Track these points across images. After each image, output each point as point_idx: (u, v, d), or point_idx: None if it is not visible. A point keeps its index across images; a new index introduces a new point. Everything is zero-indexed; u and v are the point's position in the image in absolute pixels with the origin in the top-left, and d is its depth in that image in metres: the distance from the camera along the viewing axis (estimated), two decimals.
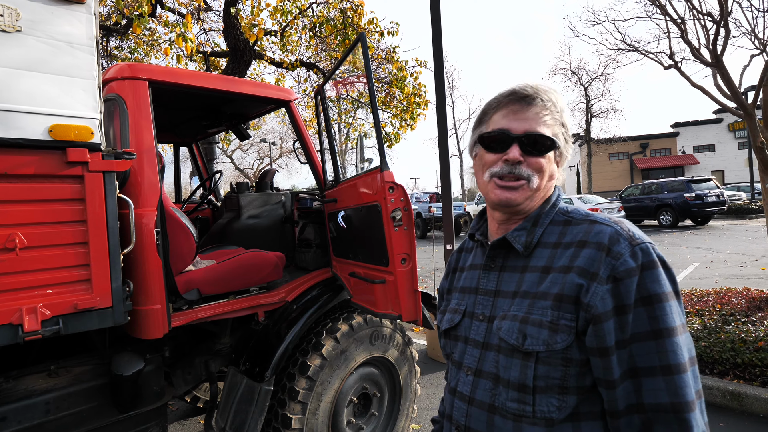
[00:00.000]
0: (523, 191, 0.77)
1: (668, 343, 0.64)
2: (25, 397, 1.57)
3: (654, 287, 0.65)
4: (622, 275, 0.66)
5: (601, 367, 0.66)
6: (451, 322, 0.87)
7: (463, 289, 0.87)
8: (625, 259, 0.66)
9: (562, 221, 0.78)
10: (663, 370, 0.63)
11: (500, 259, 0.82)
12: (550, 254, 0.75)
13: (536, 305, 0.72)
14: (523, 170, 0.76)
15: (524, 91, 0.77)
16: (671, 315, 0.65)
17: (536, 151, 0.76)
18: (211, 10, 7.12)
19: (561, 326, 0.68)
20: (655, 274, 0.66)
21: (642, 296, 0.65)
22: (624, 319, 0.65)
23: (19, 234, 1.34)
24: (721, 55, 4.35)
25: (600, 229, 0.71)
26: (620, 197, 15.67)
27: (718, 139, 30.90)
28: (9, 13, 1.24)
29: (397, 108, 7.13)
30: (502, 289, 0.79)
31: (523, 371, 0.70)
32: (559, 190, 0.84)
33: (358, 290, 2.27)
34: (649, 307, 0.65)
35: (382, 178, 1.90)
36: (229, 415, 2.08)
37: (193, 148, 3.52)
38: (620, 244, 0.68)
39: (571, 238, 0.74)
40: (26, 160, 1.34)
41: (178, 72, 2.06)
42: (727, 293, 4.32)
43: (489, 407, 0.75)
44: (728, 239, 10.60)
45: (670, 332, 0.64)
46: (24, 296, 1.36)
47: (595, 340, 0.66)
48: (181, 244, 2.01)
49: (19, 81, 1.30)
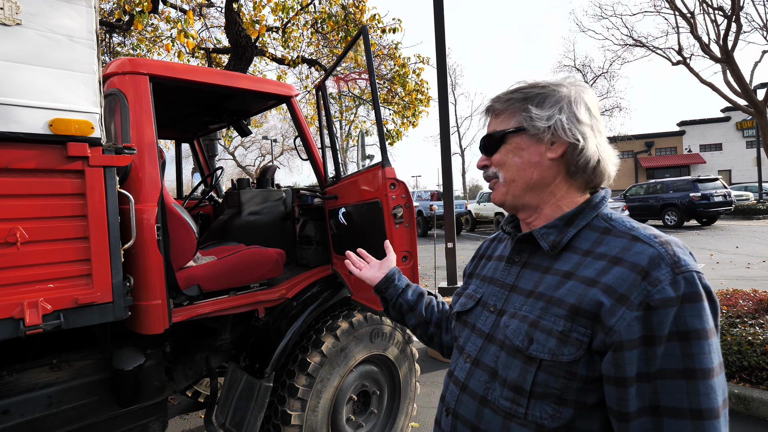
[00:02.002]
0: (498, 190, 0.81)
1: (702, 385, 0.58)
2: (27, 391, 1.57)
3: (694, 322, 0.59)
4: (657, 304, 0.59)
5: (616, 398, 0.62)
6: (463, 306, 0.87)
7: (485, 278, 0.87)
8: (664, 287, 0.60)
9: (601, 228, 0.72)
10: (693, 414, 0.58)
11: (526, 254, 0.79)
12: (578, 261, 0.70)
13: (549, 311, 0.68)
14: (490, 171, 0.81)
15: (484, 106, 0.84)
16: (709, 354, 0.59)
17: (489, 150, 0.81)
18: (213, 6, 7.10)
19: (572, 339, 0.65)
20: (697, 307, 0.59)
21: (679, 330, 0.59)
22: (652, 351, 0.59)
23: (20, 228, 1.34)
24: (732, 51, 4.32)
25: (641, 249, 0.64)
26: (624, 196, 15.55)
27: (725, 137, 30.59)
28: (9, 6, 1.24)
29: (398, 105, 7.12)
30: (519, 285, 0.77)
31: (522, 374, 0.68)
32: (605, 192, 0.78)
33: (359, 288, 2.26)
34: (684, 343, 0.58)
35: (384, 174, 1.89)
36: (229, 410, 2.09)
37: (194, 144, 3.52)
38: (661, 269, 0.61)
39: (606, 250, 0.68)
40: (26, 155, 1.34)
41: (178, 67, 2.06)
42: (734, 295, 4.27)
43: (480, 399, 0.74)
44: (735, 240, 10.51)
45: (706, 374, 0.58)
46: (25, 290, 1.37)
47: (613, 369, 0.61)
48: (182, 239, 2.01)
49: (19, 75, 1.30)
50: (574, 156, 0.74)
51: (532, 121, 0.75)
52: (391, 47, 7.04)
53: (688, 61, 4.91)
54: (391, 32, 6.39)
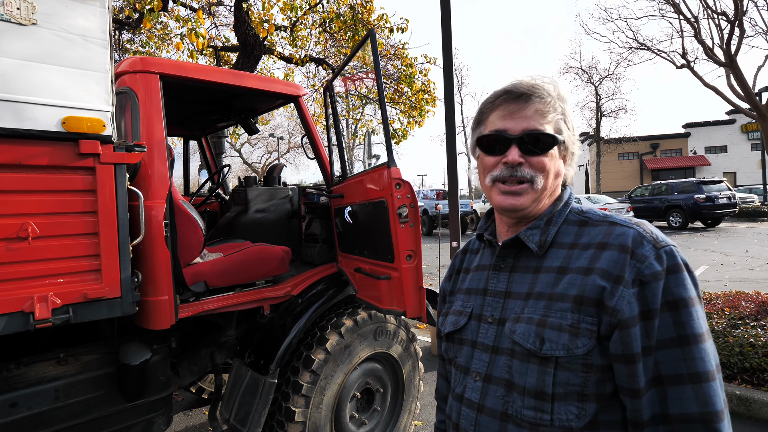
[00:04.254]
0: (527, 195, 0.74)
1: (695, 350, 0.61)
2: (35, 384, 1.60)
3: (680, 291, 0.62)
4: (649, 278, 0.63)
5: (626, 375, 0.63)
6: (455, 324, 0.82)
7: (469, 291, 0.83)
8: (651, 262, 0.64)
9: (577, 221, 0.75)
10: (691, 378, 0.60)
11: (511, 259, 0.78)
12: (566, 255, 0.72)
13: (553, 307, 0.68)
14: (525, 172, 0.73)
15: (519, 89, 0.74)
16: (697, 320, 0.62)
17: (538, 149, 0.73)
18: (222, 5, 7.14)
19: (582, 330, 0.65)
20: (680, 277, 0.63)
21: (667, 301, 0.62)
22: (650, 325, 0.62)
23: (32, 223, 1.36)
24: (735, 55, 4.30)
25: (621, 230, 0.68)
26: (629, 198, 15.50)
27: (730, 140, 30.38)
28: (26, 7, 1.26)
29: (405, 105, 7.12)
30: (513, 290, 0.75)
31: (541, 377, 0.67)
32: (570, 189, 0.81)
33: (364, 286, 2.28)
34: (674, 312, 0.62)
35: (389, 174, 1.90)
36: (234, 406, 2.11)
37: (202, 141, 3.55)
38: (644, 246, 0.65)
39: (590, 239, 0.71)
40: (40, 151, 1.37)
41: (188, 66, 2.08)
42: (737, 296, 4.26)
43: (501, 415, 0.71)
44: (739, 242, 10.44)
45: (697, 338, 0.61)
46: (36, 285, 1.39)
47: (621, 347, 0.63)
48: (190, 236, 2.03)
49: (34, 73, 1.32)
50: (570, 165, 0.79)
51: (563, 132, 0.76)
52: (398, 47, 7.05)
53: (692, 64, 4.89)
54: (399, 31, 6.39)
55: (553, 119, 0.74)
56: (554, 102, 0.74)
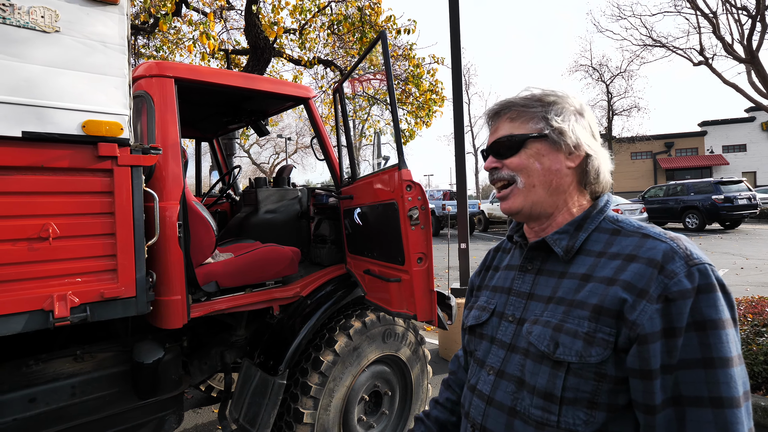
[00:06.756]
0: (515, 195, 0.78)
1: (721, 373, 0.59)
2: (52, 380, 1.64)
3: (710, 312, 0.60)
4: (675, 296, 0.61)
5: (642, 391, 0.63)
6: (477, 319, 0.85)
7: (495, 288, 0.86)
8: (680, 279, 0.62)
9: (609, 230, 0.75)
10: (713, 402, 0.59)
11: (538, 261, 0.80)
12: (592, 262, 0.72)
13: (572, 314, 0.69)
14: (502, 173, 0.79)
15: (492, 109, 0.83)
16: (727, 344, 0.60)
17: (508, 152, 0.79)
18: (233, 8, 7.22)
19: (598, 339, 0.65)
20: (712, 298, 0.61)
21: (695, 320, 0.60)
22: (672, 343, 0.61)
23: (53, 224, 1.40)
24: (756, 51, 4.22)
25: (653, 244, 0.67)
26: (643, 198, 15.12)
27: (749, 138, 29.40)
28: (49, 15, 1.30)
29: (413, 105, 7.13)
30: (537, 292, 0.77)
31: (551, 380, 0.68)
32: (607, 197, 0.81)
33: (373, 288, 2.28)
34: (701, 333, 0.60)
35: (400, 176, 1.91)
36: (243, 406, 2.13)
37: (213, 143, 3.60)
38: (675, 262, 0.63)
39: (619, 250, 0.70)
40: (61, 154, 1.40)
41: (202, 70, 2.11)
42: (760, 302, 4.11)
43: (509, 410, 0.73)
44: (760, 245, 10.14)
45: (724, 362, 0.59)
46: (55, 284, 1.43)
47: (638, 362, 0.62)
48: (202, 236, 2.06)
49: (56, 79, 1.36)
50: (588, 166, 0.78)
51: (553, 129, 0.77)
52: (405, 48, 7.06)
53: (710, 61, 4.78)
54: (406, 33, 6.41)
55: (528, 120, 0.78)
56: (530, 104, 0.78)
